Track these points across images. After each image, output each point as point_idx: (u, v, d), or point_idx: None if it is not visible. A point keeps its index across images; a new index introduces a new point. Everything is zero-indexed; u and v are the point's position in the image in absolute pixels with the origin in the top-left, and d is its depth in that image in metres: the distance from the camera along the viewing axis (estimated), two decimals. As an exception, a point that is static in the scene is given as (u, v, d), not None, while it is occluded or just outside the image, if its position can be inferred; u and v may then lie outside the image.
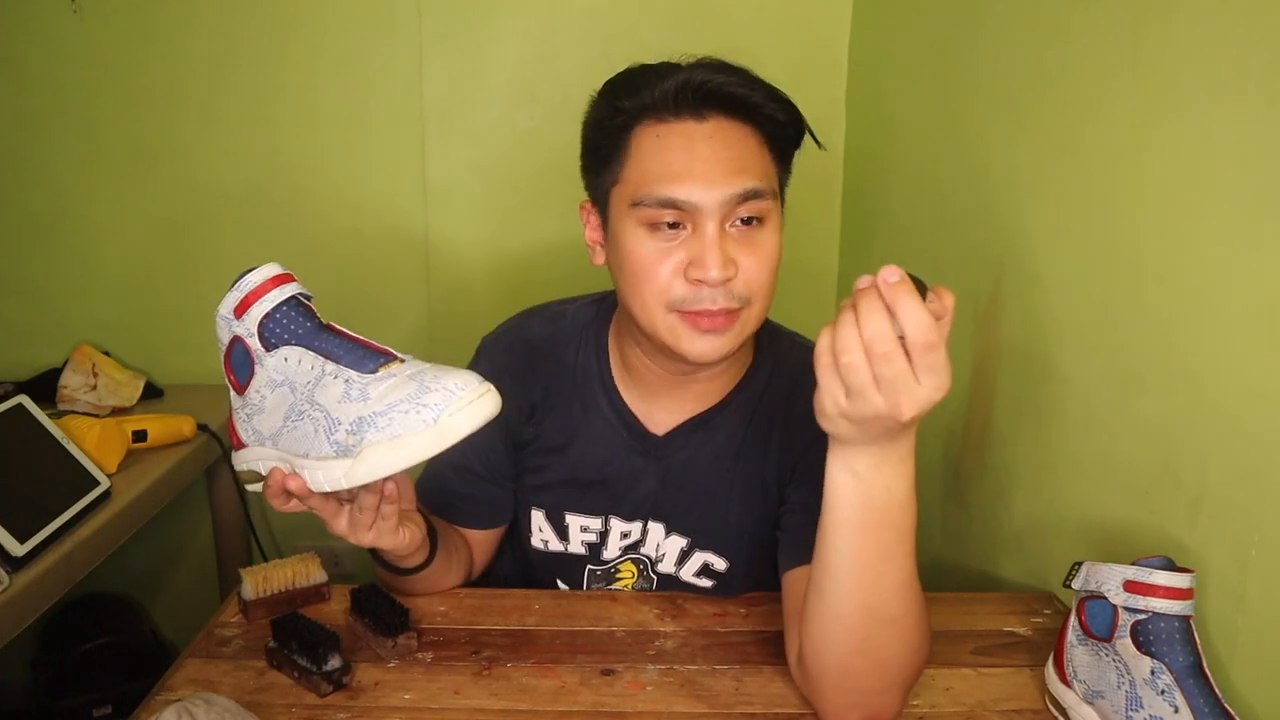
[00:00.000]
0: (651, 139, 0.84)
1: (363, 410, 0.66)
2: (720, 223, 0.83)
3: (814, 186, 1.81)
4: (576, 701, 0.81)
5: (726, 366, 0.95)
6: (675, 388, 0.96)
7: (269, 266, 0.73)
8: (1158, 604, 0.71)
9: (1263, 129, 0.73)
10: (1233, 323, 0.77)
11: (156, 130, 1.75)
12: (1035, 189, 1.08)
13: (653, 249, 0.84)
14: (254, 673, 0.85)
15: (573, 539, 1.02)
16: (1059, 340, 1.03)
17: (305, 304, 0.73)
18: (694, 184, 0.82)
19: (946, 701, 0.82)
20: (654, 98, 0.84)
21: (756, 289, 0.85)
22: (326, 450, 0.68)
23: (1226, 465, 0.78)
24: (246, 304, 0.72)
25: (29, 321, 1.82)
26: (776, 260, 0.87)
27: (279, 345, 0.71)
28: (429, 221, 1.81)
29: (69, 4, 1.68)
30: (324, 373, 0.69)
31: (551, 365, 1.00)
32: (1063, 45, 1.02)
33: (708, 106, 0.84)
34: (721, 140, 0.84)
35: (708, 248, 0.82)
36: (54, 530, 1.12)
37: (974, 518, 1.25)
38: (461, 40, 1.74)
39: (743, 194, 0.83)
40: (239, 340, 0.73)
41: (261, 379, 0.73)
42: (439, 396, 0.65)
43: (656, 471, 0.98)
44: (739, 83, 0.85)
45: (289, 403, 0.71)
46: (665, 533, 1.00)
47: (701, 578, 1.01)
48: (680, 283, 0.84)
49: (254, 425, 0.74)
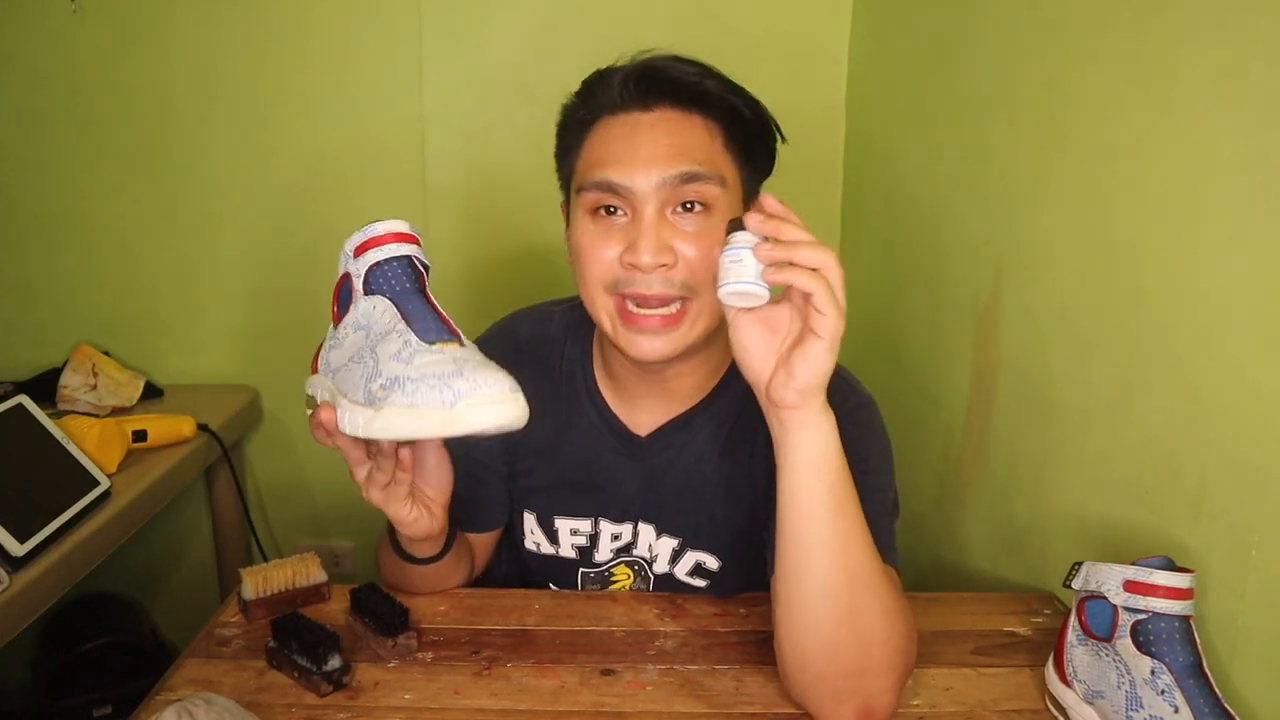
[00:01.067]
0: (601, 131, 0.86)
1: (401, 371, 0.69)
2: (660, 208, 0.83)
3: (814, 186, 1.81)
4: (576, 701, 0.81)
5: (700, 364, 0.94)
6: (652, 386, 0.95)
7: (397, 222, 0.77)
8: (1158, 604, 0.71)
9: (1262, 129, 0.73)
10: (1233, 323, 0.77)
11: (156, 130, 1.75)
12: (1036, 189, 1.08)
13: (595, 234, 0.85)
14: (254, 673, 0.85)
15: (562, 542, 1.02)
16: (1059, 340, 1.03)
17: (417, 267, 0.76)
18: (632, 167, 0.83)
19: (946, 701, 0.82)
20: (609, 95, 0.86)
21: (701, 279, 0.83)
22: (360, 395, 0.70)
23: (1226, 465, 0.78)
24: (365, 247, 0.76)
25: (29, 321, 1.82)
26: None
27: (374, 293, 0.75)
28: (429, 221, 1.81)
29: (69, 4, 1.68)
30: (393, 329, 0.72)
31: (538, 368, 0.99)
32: (1063, 45, 1.02)
33: (654, 96, 0.85)
34: (665, 129, 0.84)
35: (643, 232, 0.82)
36: (54, 530, 1.12)
37: (974, 518, 1.25)
38: (461, 40, 1.74)
39: (679, 175, 0.82)
40: (349, 277, 0.77)
41: (351, 318, 0.76)
42: (466, 385, 0.66)
43: (642, 473, 0.98)
44: (689, 71, 0.85)
45: (359, 345, 0.74)
46: (656, 534, 1.00)
47: (695, 577, 1.01)
48: (617, 267, 0.84)
49: (330, 357, 0.77)
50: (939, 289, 1.36)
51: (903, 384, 1.47)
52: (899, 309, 1.52)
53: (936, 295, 1.37)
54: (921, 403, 1.41)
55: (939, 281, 1.37)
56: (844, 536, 0.74)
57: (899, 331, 1.51)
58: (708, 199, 0.84)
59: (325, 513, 1.95)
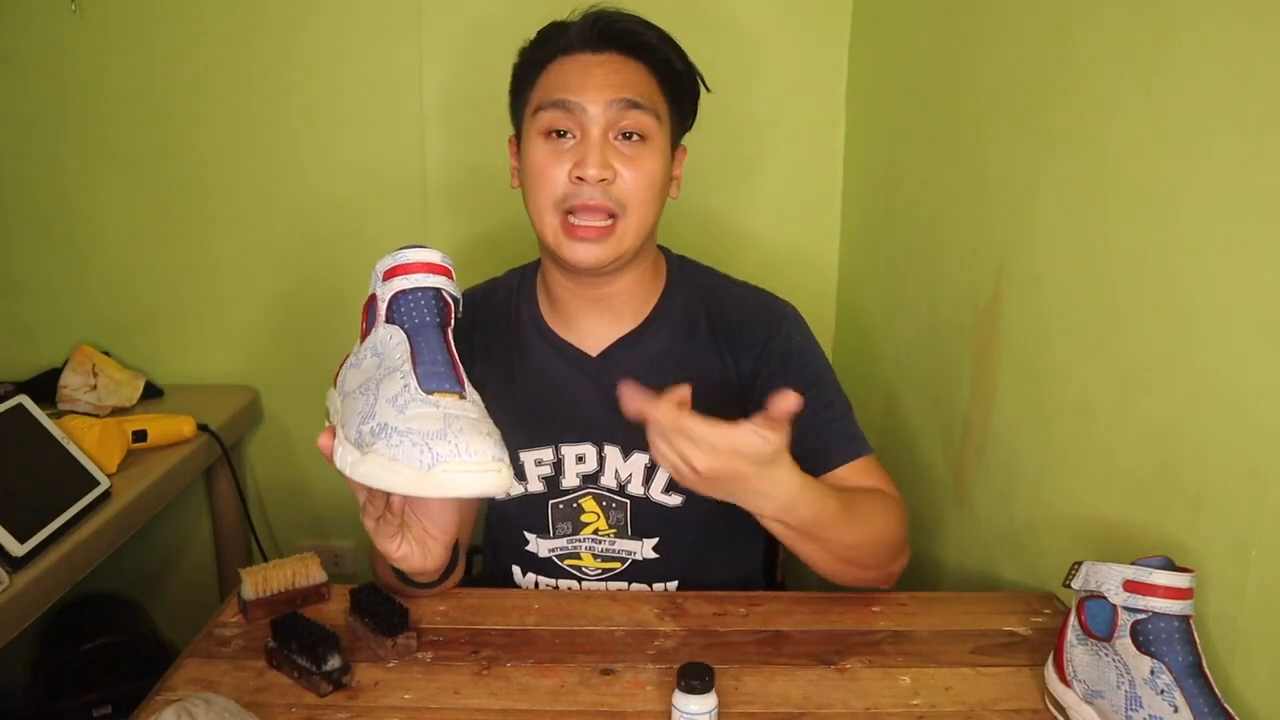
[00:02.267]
0: (557, 68, 1.00)
1: (391, 419, 0.68)
2: (604, 130, 0.96)
3: (814, 186, 1.81)
4: (576, 701, 0.82)
5: (635, 283, 1.04)
6: (593, 305, 1.05)
7: (430, 252, 0.77)
8: (1157, 604, 0.71)
9: (1262, 129, 0.73)
10: (1233, 323, 0.77)
11: (156, 130, 1.75)
12: (1035, 189, 1.08)
13: (548, 154, 0.97)
14: (254, 673, 0.85)
15: (530, 476, 1.05)
16: (1059, 340, 1.03)
17: (444, 299, 0.76)
18: (584, 93, 0.96)
19: (946, 701, 0.82)
20: (566, 39, 1.00)
21: (632, 200, 0.97)
22: (352, 433, 0.71)
23: (1226, 465, 0.78)
24: (394, 273, 0.76)
25: (29, 321, 1.82)
26: (656, 178, 0.98)
27: (394, 322, 0.75)
28: (429, 221, 1.80)
29: (69, 4, 1.68)
30: (399, 368, 0.72)
31: (487, 315, 1.10)
32: (1062, 45, 1.02)
33: (605, 44, 0.99)
34: (613, 67, 0.98)
35: (590, 149, 0.95)
36: (54, 530, 1.12)
37: (974, 518, 1.25)
38: (461, 40, 1.74)
39: (624, 100, 0.96)
40: (375, 299, 0.77)
41: (370, 341, 0.76)
42: (447, 449, 0.65)
43: (598, 392, 1.03)
44: (636, 26, 1.00)
45: (370, 374, 0.74)
46: (624, 455, 1.04)
47: (671, 494, 1.04)
48: (565, 182, 0.96)
49: (347, 375, 0.77)
50: (939, 289, 1.36)
51: (903, 384, 1.47)
52: (899, 309, 1.52)
53: (936, 295, 1.37)
54: (921, 403, 1.41)
55: (939, 281, 1.36)
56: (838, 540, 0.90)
57: (899, 331, 1.51)
58: (644, 129, 0.97)
59: (325, 513, 1.95)
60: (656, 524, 1.05)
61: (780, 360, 1.04)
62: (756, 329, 1.05)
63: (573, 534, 1.06)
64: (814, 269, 1.84)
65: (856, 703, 0.82)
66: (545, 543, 1.07)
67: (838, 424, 1.03)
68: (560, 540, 1.06)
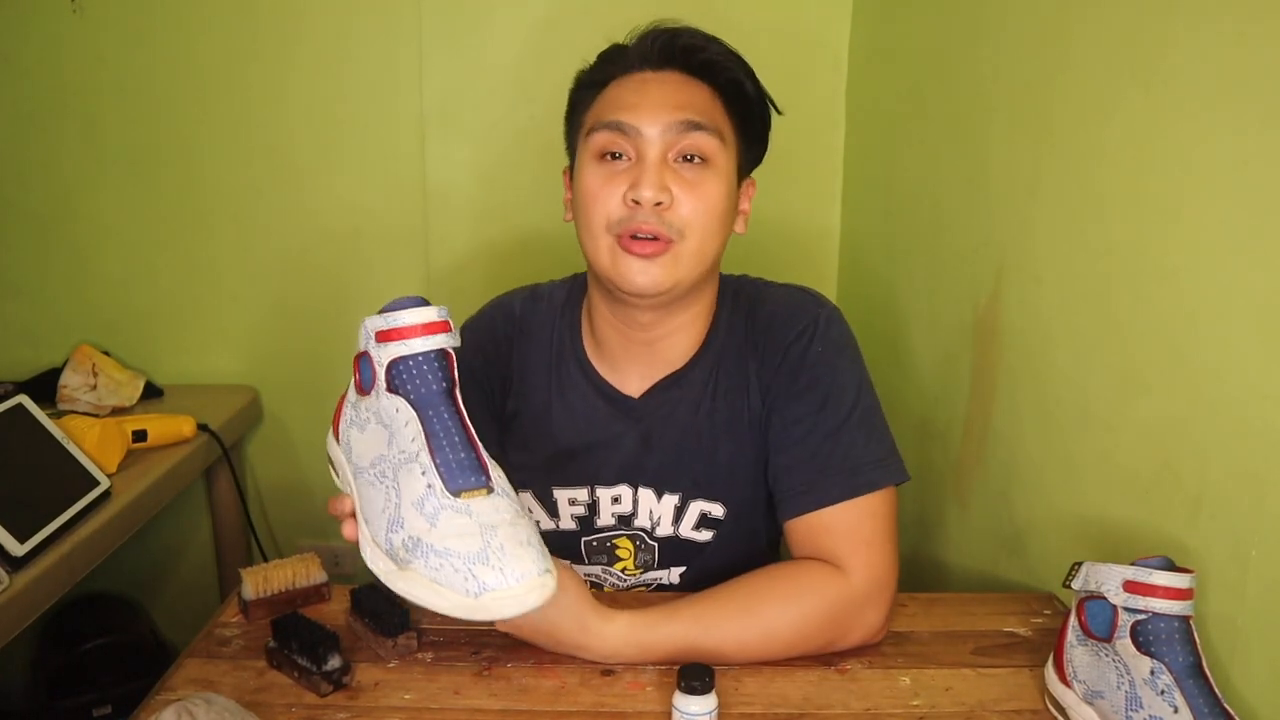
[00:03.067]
0: (614, 88, 0.94)
1: (425, 534, 0.66)
2: (662, 152, 0.89)
3: (814, 186, 1.81)
4: (576, 702, 0.81)
5: (686, 324, 0.98)
6: (640, 349, 0.99)
7: (428, 310, 0.70)
8: (1157, 604, 0.71)
9: (1262, 129, 0.73)
10: (1233, 323, 0.77)
11: (156, 130, 1.75)
12: (1035, 189, 1.08)
13: (601, 176, 0.91)
14: (254, 673, 0.85)
15: (562, 514, 1.03)
16: (1059, 340, 1.03)
17: (446, 357, 0.70)
18: (640, 112, 0.90)
19: (946, 701, 0.82)
20: (624, 60, 0.94)
21: (691, 224, 0.90)
22: (381, 539, 0.68)
23: (1226, 465, 0.78)
24: (389, 336, 0.69)
25: (29, 321, 1.82)
26: (717, 205, 0.91)
27: (397, 392, 0.69)
28: (429, 221, 1.80)
29: (69, 4, 1.68)
30: (417, 458, 0.68)
31: (528, 341, 1.04)
32: (1062, 45, 1.02)
33: (666, 60, 0.92)
34: (674, 85, 0.92)
35: (646, 170, 0.88)
36: (54, 530, 1.12)
37: (974, 518, 1.25)
38: (461, 40, 1.74)
39: (684, 122, 0.89)
40: (369, 358, 0.71)
41: (374, 405, 0.71)
42: (493, 579, 0.63)
43: (637, 433, 1.00)
44: (702, 42, 0.93)
45: (380, 450, 0.70)
46: (656, 496, 1.01)
47: (701, 530, 1.01)
48: (619, 205, 0.89)
49: (351, 436, 0.74)
50: (939, 289, 1.36)
51: (903, 384, 1.47)
52: (899, 310, 1.52)
53: (936, 295, 1.37)
54: (921, 403, 1.41)
55: (939, 282, 1.36)
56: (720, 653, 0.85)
57: (899, 332, 1.51)
58: (707, 151, 0.90)
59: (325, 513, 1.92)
60: (685, 556, 1.03)
61: (790, 373, 0.95)
62: (780, 335, 0.97)
63: (608, 564, 1.05)
64: (814, 269, 1.84)
65: (856, 703, 0.82)
66: (579, 569, 1.05)
67: (840, 454, 0.91)
68: (595, 568, 1.05)
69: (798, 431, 0.94)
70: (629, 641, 0.84)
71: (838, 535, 0.90)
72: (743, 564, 0.93)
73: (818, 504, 0.91)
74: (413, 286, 1.83)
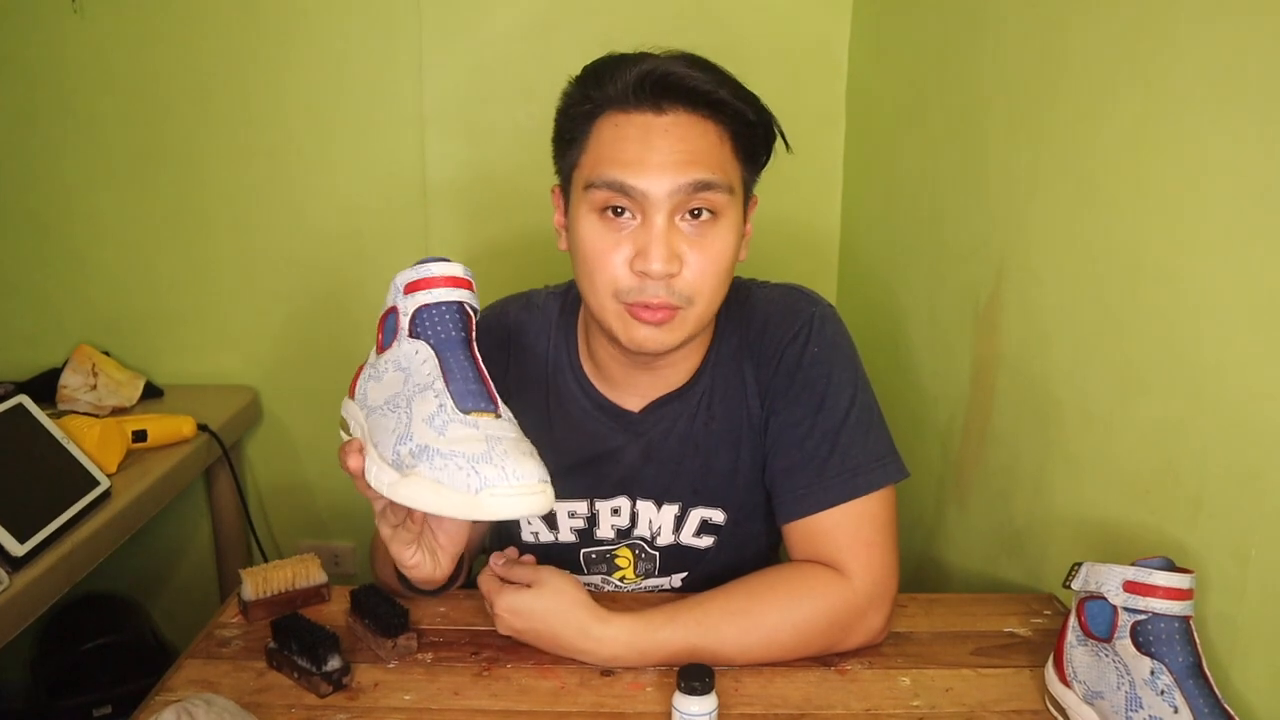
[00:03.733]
0: (611, 128, 0.85)
1: (432, 441, 0.68)
2: (669, 215, 0.84)
3: (814, 186, 1.81)
4: (576, 702, 0.81)
5: (687, 355, 0.96)
6: (639, 374, 0.97)
7: (454, 265, 0.75)
8: (1157, 604, 0.71)
9: (1262, 129, 0.73)
10: (1233, 323, 0.77)
11: (156, 130, 1.75)
12: (1035, 189, 1.08)
13: (604, 237, 0.85)
14: (254, 673, 0.85)
15: (562, 527, 1.02)
16: (1059, 340, 1.03)
17: (465, 313, 0.75)
18: (645, 172, 0.82)
19: (946, 702, 0.82)
20: (617, 89, 0.85)
21: (700, 289, 0.86)
22: (389, 454, 0.70)
23: (1226, 465, 0.78)
24: (417, 286, 0.75)
25: (29, 321, 1.82)
26: (726, 260, 0.87)
27: (419, 337, 0.74)
28: (429, 221, 1.80)
29: (69, 4, 1.68)
30: (431, 385, 0.71)
31: (525, 353, 1.01)
32: (1062, 45, 1.02)
33: (668, 99, 0.84)
34: (678, 133, 0.84)
35: (654, 239, 0.83)
36: (54, 530, 1.12)
37: (974, 518, 1.25)
38: (461, 40, 1.74)
39: (693, 184, 0.83)
40: (395, 311, 0.76)
41: (394, 354, 0.75)
42: (494, 473, 0.66)
43: (638, 447, 0.99)
44: (704, 78, 0.84)
45: (397, 390, 0.73)
46: (656, 507, 1.00)
47: (702, 536, 1.01)
48: (627, 273, 0.85)
49: (367, 388, 0.77)
50: (939, 289, 1.36)
51: (903, 384, 1.47)
52: (899, 309, 1.52)
53: (936, 295, 1.37)
54: (921, 403, 1.41)
55: (939, 281, 1.36)
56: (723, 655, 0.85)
57: (899, 331, 1.51)
58: (716, 207, 0.85)
59: (325, 513, 1.95)
60: (687, 563, 1.03)
61: (786, 375, 0.94)
62: (775, 337, 0.95)
63: (607, 574, 1.04)
64: (814, 269, 1.84)
65: (856, 704, 0.82)
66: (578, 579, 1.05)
67: (838, 456, 0.91)
68: (595, 578, 1.05)
69: (795, 434, 0.93)
70: (629, 646, 0.84)
71: (837, 538, 0.89)
72: (744, 567, 0.93)
73: (817, 507, 0.90)
74: (413, 286, 1.82)
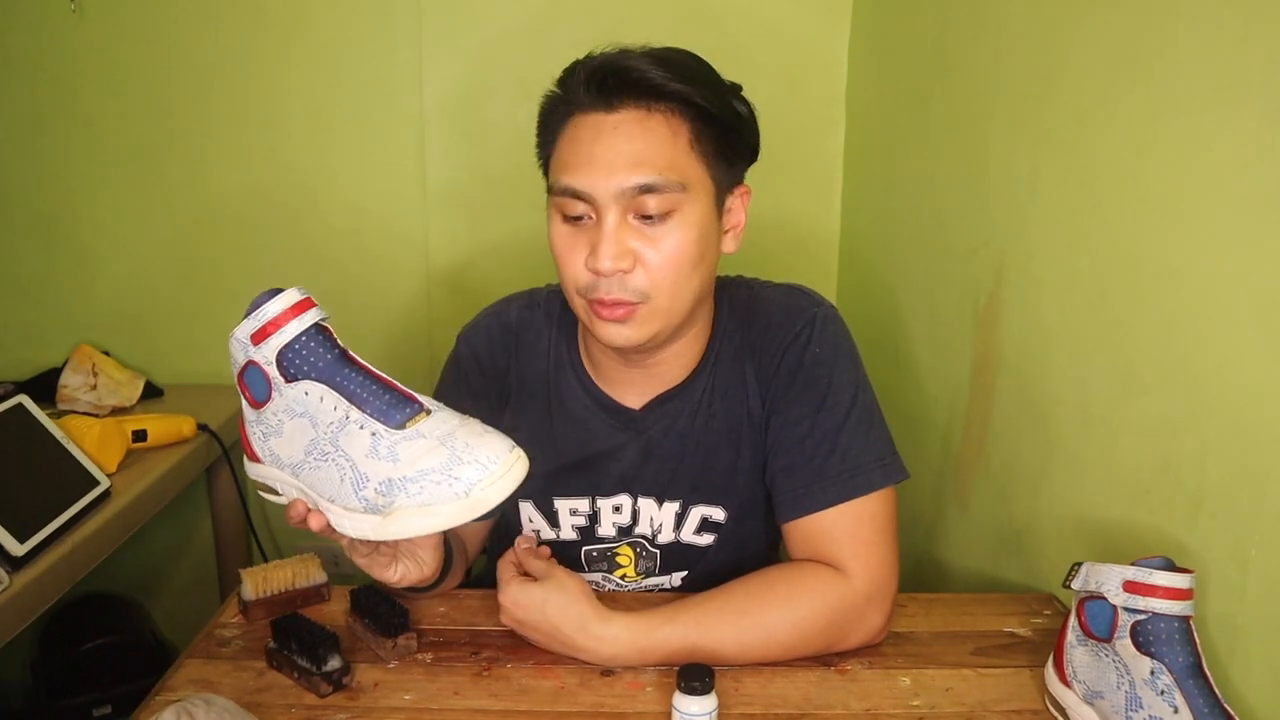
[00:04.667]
0: (571, 130, 0.87)
1: (392, 472, 0.67)
2: (621, 214, 0.84)
3: (814, 186, 1.81)
4: (576, 702, 0.81)
5: (682, 350, 0.96)
6: (633, 371, 0.97)
7: (289, 294, 0.71)
8: (1157, 604, 0.71)
9: (1262, 129, 0.73)
10: (1233, 323, 0.77)
11: (156, 130, 1.75)
12: (1035, 189, 1.08)
13: (566, 237, 0.88)
14: (254, 673, 0.85)
15: (563, 524, 1.03)
16: (1059, 340, 1.03)
17: (325, 330, 0.72)
18: (592, 174, 0.84)
19: (946, 702, 0.82)
20: (575, 90, 0.86)
21: (657, 284, 0.86)
22: (355, 503, 0.68)
23: (1226, 465, 0.78)
24: (265, 333, 0.70)
25: (29, 321, 1.82)
26: (683, 256, 0.86)
27: (299, 378, 0.70)
28: (429, 221, 1.80)
29: (69, 4, 1.68)
30: (348, 418, 0.69)
31: (526, 350, 1.02)
32: (1063, 45, 1.02)
33: (618, 95, 0.84)
34: (626, 132, 0.84)
35: (603, 238, 0.84)
36: (54, 530, 1.12)
37: (974, 518, 1.25)
38: (461, 40, 1.74)
39: (637, 187, 0.83)
40: (255, 364, 0.71)
41: (279, 405, 0.71)
42: (473, 471, 0.66)
43: (639, 444, 0.99)
44: (656, 72, 0.83)
45: (309, 437, 0.70)
46: (657, 504, 1.01)
47: (702, 534, 1.01)
48: (584, 272, 0.87)
49: (270, 446, 0.73)
50: (939, 289, 1.36)
51: (903, 384, 1.47)
52: (899, 309, 1.52)
53: (936, 295, 1.37)
54: (921, 403, 1.41)
55: (939, 281, 1.36)
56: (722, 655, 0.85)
57: (899, 331, 1.51)
58: (666, 208, 0.84)
59: (325, 513, 1.94)
60: (687, 561, 1.03)
61: (788, 374, 0.94)
62: (777, 337, 0.96)
63: (608, 571, 1.04)
64: (814, 269, 1.84)
65: (856, 704, 0.82)
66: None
67: (838, 456, 0.91)
68: (595, 575, 1.05)
69: (796, 433, 0.93)
70: (629, 644, 0.84)
71: (837, 537, 0.89)
72: (743, 566, 0.93)
73: (817, 506, 0.91)
74: (413, 286, 1.83)
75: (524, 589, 0.87)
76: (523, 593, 0.87)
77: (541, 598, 0.86)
